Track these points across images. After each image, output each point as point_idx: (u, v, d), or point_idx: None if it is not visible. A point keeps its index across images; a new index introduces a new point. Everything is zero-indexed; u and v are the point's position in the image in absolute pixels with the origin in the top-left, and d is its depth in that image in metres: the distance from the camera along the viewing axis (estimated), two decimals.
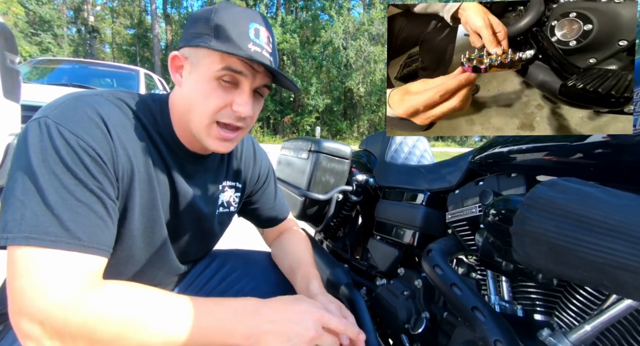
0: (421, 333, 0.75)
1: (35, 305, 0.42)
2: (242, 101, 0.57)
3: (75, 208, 0.47)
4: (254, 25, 0.57)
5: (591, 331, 0.48)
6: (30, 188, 0.46)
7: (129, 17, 25.69)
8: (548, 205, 0.39)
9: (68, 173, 0.47)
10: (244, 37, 0.55)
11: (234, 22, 0.55)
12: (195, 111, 0.58)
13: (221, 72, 0.55)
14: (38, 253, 0.44)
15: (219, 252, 0.88)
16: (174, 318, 0.46)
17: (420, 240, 0.92)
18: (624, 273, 0.30)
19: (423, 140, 1.32)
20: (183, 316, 0.47)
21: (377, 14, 20.88)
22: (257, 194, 0.85)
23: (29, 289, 0.43)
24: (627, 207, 0.33)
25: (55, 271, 0.44)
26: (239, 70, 0.56)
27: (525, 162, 0.61)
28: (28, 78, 3.86)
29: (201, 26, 0.55)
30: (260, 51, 0.57)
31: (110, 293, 0.46)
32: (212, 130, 0.59)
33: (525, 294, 0.62)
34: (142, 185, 0.58)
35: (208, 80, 0.56)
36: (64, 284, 0.44)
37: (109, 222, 0.51)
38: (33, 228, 0.44)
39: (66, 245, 0.45)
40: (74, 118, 0.50)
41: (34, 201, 0.45)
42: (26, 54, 15.38)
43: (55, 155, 0.47)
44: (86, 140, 0.49)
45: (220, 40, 0.54)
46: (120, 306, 0.45)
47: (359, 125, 23.19)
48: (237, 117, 0.58)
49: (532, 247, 0.40)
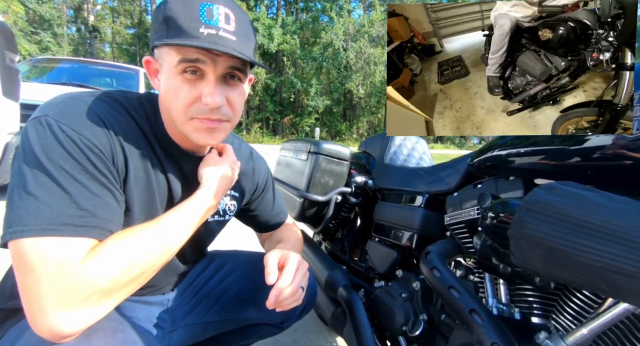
0: (419, 335, 0.75)
1: (63, 284, 0.43)
2: (208, 91, 0.54)
3: (92, 200, 0.48)
4: (207, 5, 0.52)
5: (588, 334, 0.48)
6: (43, 183, 0.46)
7: (129, 16, 25.70)
8: (546, 209, 0.39)
9: (79, 168, 0.48)
10: (194, 22, 0.51)
11: (182, 10, 0.51)
12: (172, 110, 0.56)
13: (180, 65, 0.52)
14: (55, 242, 0.44)
15: (218, 252, 0.88)
16: (166, 233, 0.54)
17: (419, 242, 0.92)
18: (620, 276, 0.31)
19: (422, 142, 1.32)
20: (172, 226, 0.55)
21: (377, 16, 20.96)
22: (256, 202, 0.85)
23: (49, 275, 0.43)
24: (624, 211, 0.33)
25: (70, 253, 0.45)
26: (194, 58, 0.52)
27: (524, 165, 0.61)
28: (27, 77, 3.85)
29: (156, 23, 0.54)
30: (216, 33, 0.52)
31: (110, 247, 0.48)
32: (193, 124, 0.56)
33: (523, 297, 0.62)
34: (141, 184, 0.58)
35: (173, 76, 0.54)
36: (80, 257, 0.45)
37: (120, 215, 0.53)
38: (49, 219, 0.44)
39: (86, 228, 0.47)
40: (74, 116, 0.50)
41: (47, 194, 0.45)
42: (26, 52, 15.36)
43: (62, 151, 0.47)
44: (88, 137, 0.49)
45: (171, 32, 0.51)
46: (124, 253, 0.49)
47: (358, 126, 23.23)
48: (210, 110, 0.55)
49: (530, 250, 0.40)
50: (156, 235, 0.53)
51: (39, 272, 0.43)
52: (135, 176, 0.57)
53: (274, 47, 19.51)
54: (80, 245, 0.46)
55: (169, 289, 0.77)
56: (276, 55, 21.13)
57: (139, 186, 0.58)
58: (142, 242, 0.51)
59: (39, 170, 0.46)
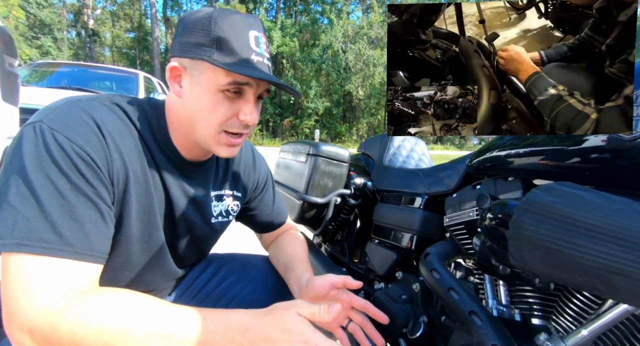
0: (419, 337, 0.74)
1: (24, 313, 0.42)
2: (248, 110, 0.58)
3: (70, 214, 0.46)
4: (254, 32, 0.57)
5: (588, 335, 0.48)
6: (23, 193, 0.45)
7: (129, 20, 25.79)
8: (543, 210, 0.39)
9: (63, 178, 0.47)
10: (246, 48, 0.55)
11: (235, 33, 0.55)
12: (201, 122, 0.57)
13: (228, 86, 0.55)
14: (29, 260, 0.43)
15: (216, 256, 0.88)
16: (163, 331, 0.45)
17: (418, 243, 0.92)
18: (618, 277, 0.31)
19: (421, 144, 1.32)
20: (173, 330, 0.46)
21: (376, 18, 21.02)
22: (256, 200, 0.85)
23: (18, 297, 0.42)
24: (621, 211, 0.33)
25: (46, 278, 0.43)
26: (245, 82, 0.56)
27: (522, 166, 0.61)
28: (27, 81, 3.86)
29: (201, 36, 0.54)
30: (262, 60, 0.57)
31: (100, 301, 0.45)
32: (220, 138, 0.59)
33: (523, 298, 0.62)
34: (139, 190, 0.57)
35: (213, 92, 0.56)
36: (53, 291, 0.43)
37: (104, 228, 0.51)
38: (25, 234, 0.43)
39: (58, 252, 0.45)
40: (68, 123, 0.49)
41: (27, 206, 0.44)
42: (26, 57, 15.41)
43: (49, 160, 0.46)
44: (80, 145, 0.48)
45: (224, 53, 0.54)
46: (109, 315, 0.44)
47: (358, 128, 23.24)
48: (244, 126, 0.59)
49: (528, 250, 0.40)
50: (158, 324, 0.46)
51: (10, 286, 0.43)
52: (134, 183, 0.56)
53: (274, 49, 19.55)
54: (51, 267, 0.44)
55: (166, 293, 0.77)
56: (275, 58, 21.18)
57: (137, 193, 0.57)
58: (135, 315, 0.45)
59: (23, 181, 0.45)
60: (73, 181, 0.47)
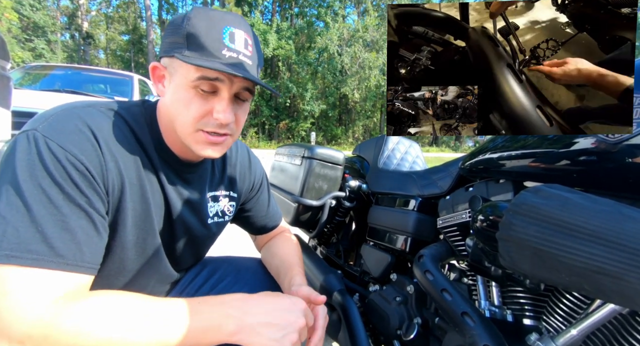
0: (413, 338, 0.75)
1: (12, 326, 0.41)
2: (221, 108, 0.56)
3: (61, 224, 0.46)
4: (229, 29, 0.55)
5: (577, 335, 0.49)
6: (14, 203, 0.44)
7: (124, 23, 25.70)
8: (531, 211, 0.39)
9: (55, 188, 0.46)
10: (217, 43, 0.53)
11: (206, 29, 0.53)
12: (178, 120, 0.57)
13: (197, 81, 0.54)
14: (19, 272, 0.42)
15: (210, 259, 0.87)
16: (160, 324, 0.45)
17: (412, 245, 0.93)
18: (603, 277, 0.31)
19: (415, 146, 1.33)
20: (169, 321, 0.46)
21: (372, 21, 21.14)
22: (251, 202, 0.85)
23: (7, 310, 0.41)
24: (606, 212, 0.34)
25: (35, 290, 0.43)
26: (214, 77, 0.54)
27: (513, 168, 0.62)
28: (20, 84, 3.83)
29: (174, 35, 0.54)
30: (237, 56, 0.55)
31: (92, 304, 0.45)
32: (198, 136, 0.58)
33: (514, 299, 0.63)
34: (135, 197, 0.57)
35: (186, 89, 0.55)
36: (43, 302, 0.42)
37: (96, 238, 0.50)
38: (15, 245, 0.43)
39: (49, 263, 0.44)
40: (63, 132, 0.49)
41: (17, 217, 0.44)
42: (19, 60, 15.26)
43: (42, 170, 0.46)
44: (74, 154, 0.48)
45: (192, 49, 0.53)
46: (103, 318, 0.43)
47: (354, 130, 23.31)
48: (219, 125, 0.57)
49: (517, 252, 0.40)
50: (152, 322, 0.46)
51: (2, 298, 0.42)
52: (130, 190, 0.56)
53: (269, 52, 19.58)
54: (41, 278, 0.43)
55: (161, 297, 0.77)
56: (271, 61, 21.21)
57: (133, 200, 0.57)
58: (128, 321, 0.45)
59: (14, 190, 0.45)
60: (66, 191, 0.47)
